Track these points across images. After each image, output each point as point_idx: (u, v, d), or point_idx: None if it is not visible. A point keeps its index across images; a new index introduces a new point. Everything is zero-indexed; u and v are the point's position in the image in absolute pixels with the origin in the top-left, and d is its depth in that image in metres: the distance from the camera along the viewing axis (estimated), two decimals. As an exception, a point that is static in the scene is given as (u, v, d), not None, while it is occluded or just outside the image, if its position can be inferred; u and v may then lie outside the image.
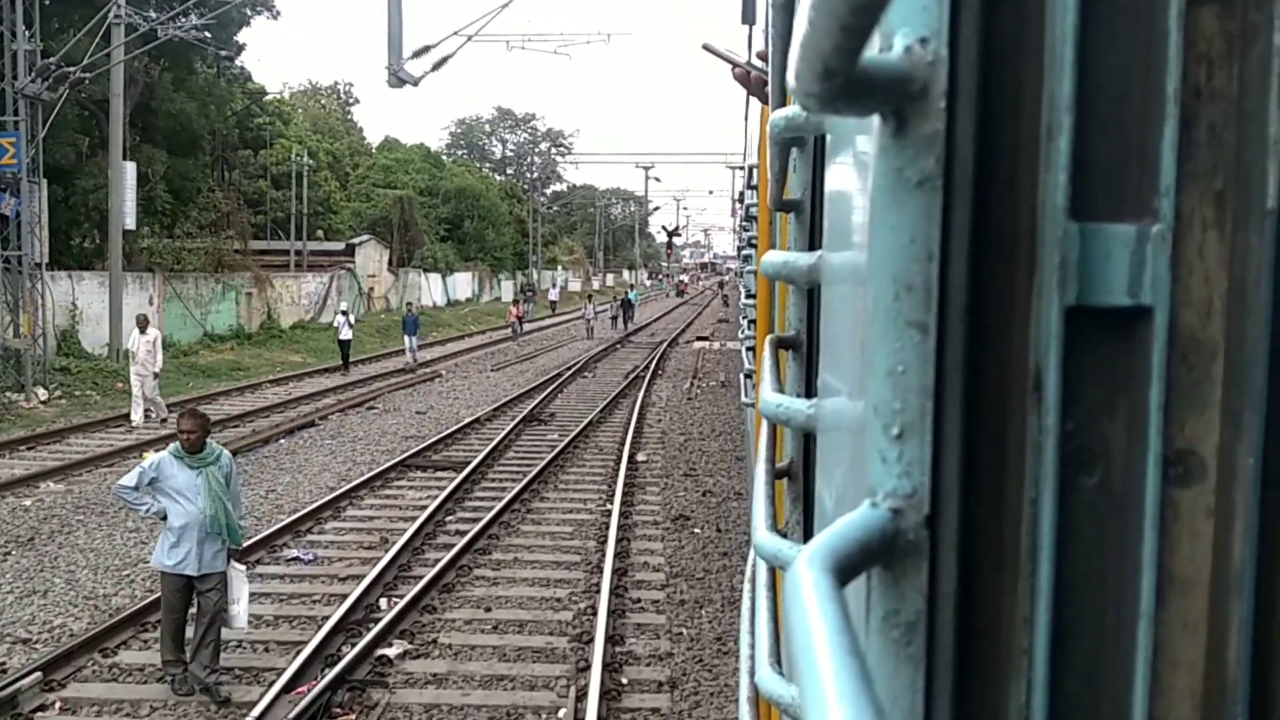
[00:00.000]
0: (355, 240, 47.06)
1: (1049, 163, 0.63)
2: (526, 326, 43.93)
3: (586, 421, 19.58)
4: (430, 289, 52.96)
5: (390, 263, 51.79)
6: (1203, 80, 0.65)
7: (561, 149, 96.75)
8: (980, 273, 0.63)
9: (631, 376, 26.92)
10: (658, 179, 73.63)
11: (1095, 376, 0.66)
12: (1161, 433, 0.66)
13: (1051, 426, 0.64)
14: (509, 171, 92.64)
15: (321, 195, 49.85)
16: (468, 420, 19.75)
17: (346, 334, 28.94)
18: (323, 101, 71.10)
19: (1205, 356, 0.66)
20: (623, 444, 17.38)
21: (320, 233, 47.72)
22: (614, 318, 45.72)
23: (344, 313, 29.35)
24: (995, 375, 0.64)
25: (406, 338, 29.61)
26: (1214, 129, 0.65)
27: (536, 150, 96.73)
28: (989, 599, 0.65)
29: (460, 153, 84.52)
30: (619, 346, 37.58)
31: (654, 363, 30.71)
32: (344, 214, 52.92)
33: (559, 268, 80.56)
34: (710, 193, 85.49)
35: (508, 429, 18.46)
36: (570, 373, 27.56)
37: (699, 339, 39.94)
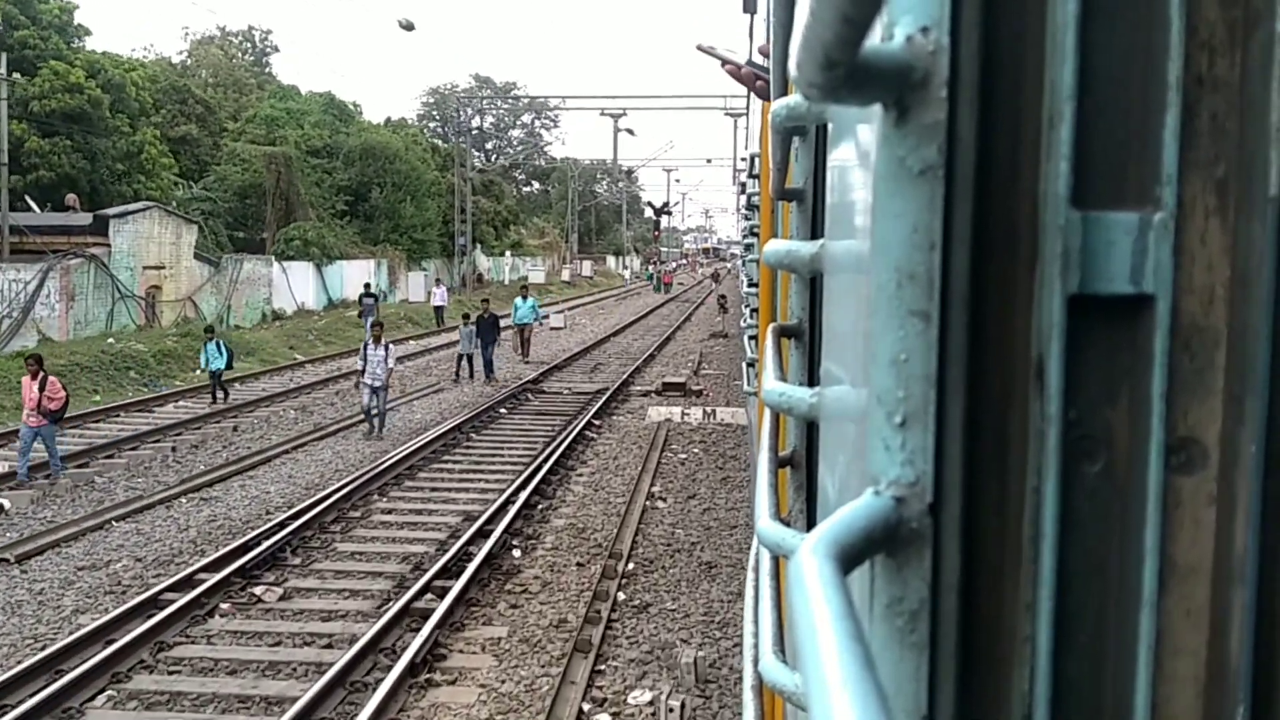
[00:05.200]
0: (114, 211, 27.77)
1: (1051, 151, 0.63)
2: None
3: None
4: (293, 286, 35.15)
5: (269, 242, 35.92)
6: (1204, 68, 0.65)
7: (546, 121, 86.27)
8: (982, 261, 0.63)
9: (391, 614, 8.61)
10: (631, 132, 56.56)
11: (1097, 364, 0.66)
12: (1164, 420, 0.66)
13: (1054, 414, 0.64)
14: (488, 146, 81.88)
15: (124, 148, 32.33)
16: None
17: None
18: (229, 50, 56.19)
19: (1208, 344, 0.66)
20: None
21: (73, 200, 28.95)
22: (463, 358, 22.79)
23: None
24: (997, 363, 0.65)
25: None
26: (1216, 117, 0.65)
27: (518, 122, 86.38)
28: (992, 587, 0.65)
29: (434, 125, 71.13)
30: (493, 416, 18.25)
31: (523, 498, 12.30)
32: (165, 177, 35.58)
33: (509, 253, 61.17)
34: (708, 161, 67.57)
35: None
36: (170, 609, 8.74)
37: (666, 387, 20.61)
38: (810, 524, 1.51)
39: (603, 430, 17.54)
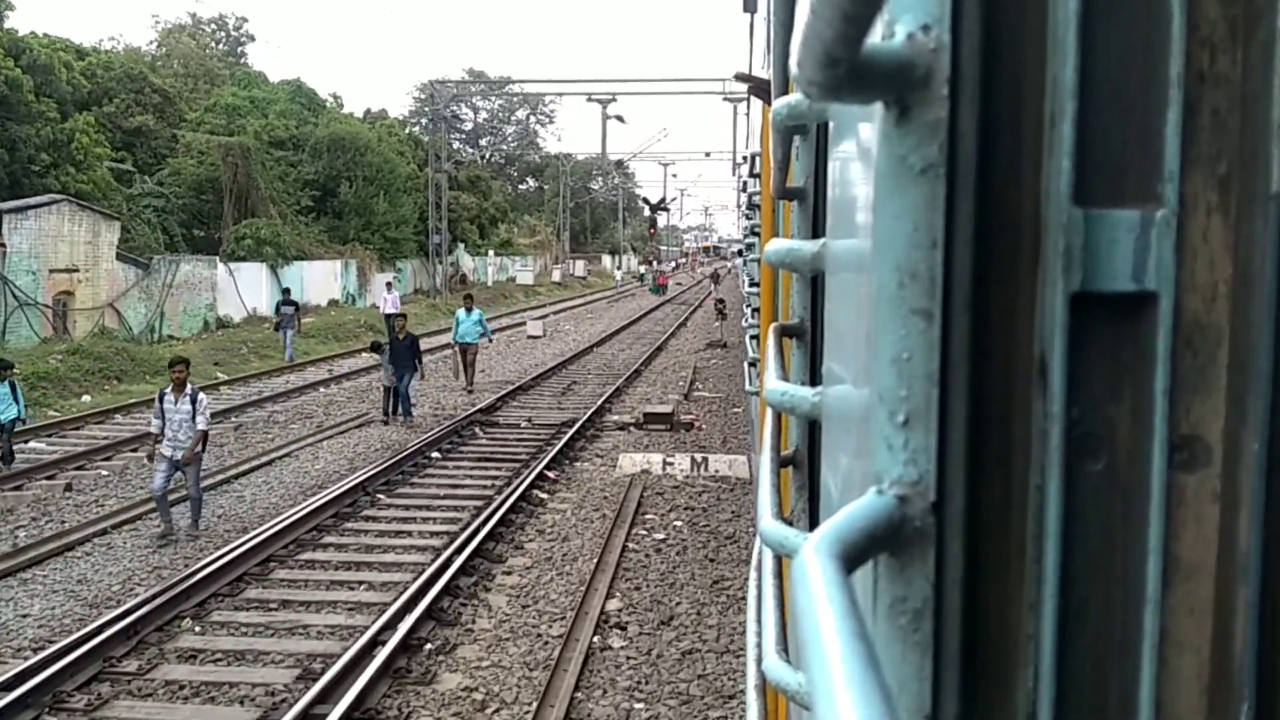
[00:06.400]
0: (10, 205, 23.33)
1: (1052, 149, 0.63)
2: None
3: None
4: (242, 291, 31.06)
5: (210, 241, 32.32)
6: (1206, 65, 0.65)
7: (542, 117, 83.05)
8: (984, 259, 0.63)
9: None
10: (621, 119, 48.60)
11: (1100, 362, 0.66)
12: (1167, 418, 0.66)
13: (1056, 413, 0.64)
14: (482, 143, 79.28)
15: (49, 137, 27.88)
16: None
17: None
18: (200, 39, 52.37)
19: (1210, 341, 0.66)
20: None
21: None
22: (390, 392, 17.38)
23: None
24: (1000, 362, 0.65)
25: None
26: (1218, 114, 0.65)
27: (513, 118, 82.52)
28: (995, 585, 0.65)
29: (425, 122, 64.26)
30: (420, 464, 13.85)
31: (406, 628, 7.77)
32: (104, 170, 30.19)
33: (491, 252, 55.28)
34: (707, 154, 61.98)
35: None
36: None
37: (649, 418, 16.53)
38: (813, 523, 1.51)
39: (558, 487, 12.76)
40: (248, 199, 34.56)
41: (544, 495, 12.42)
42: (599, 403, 18.34)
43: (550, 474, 13.26)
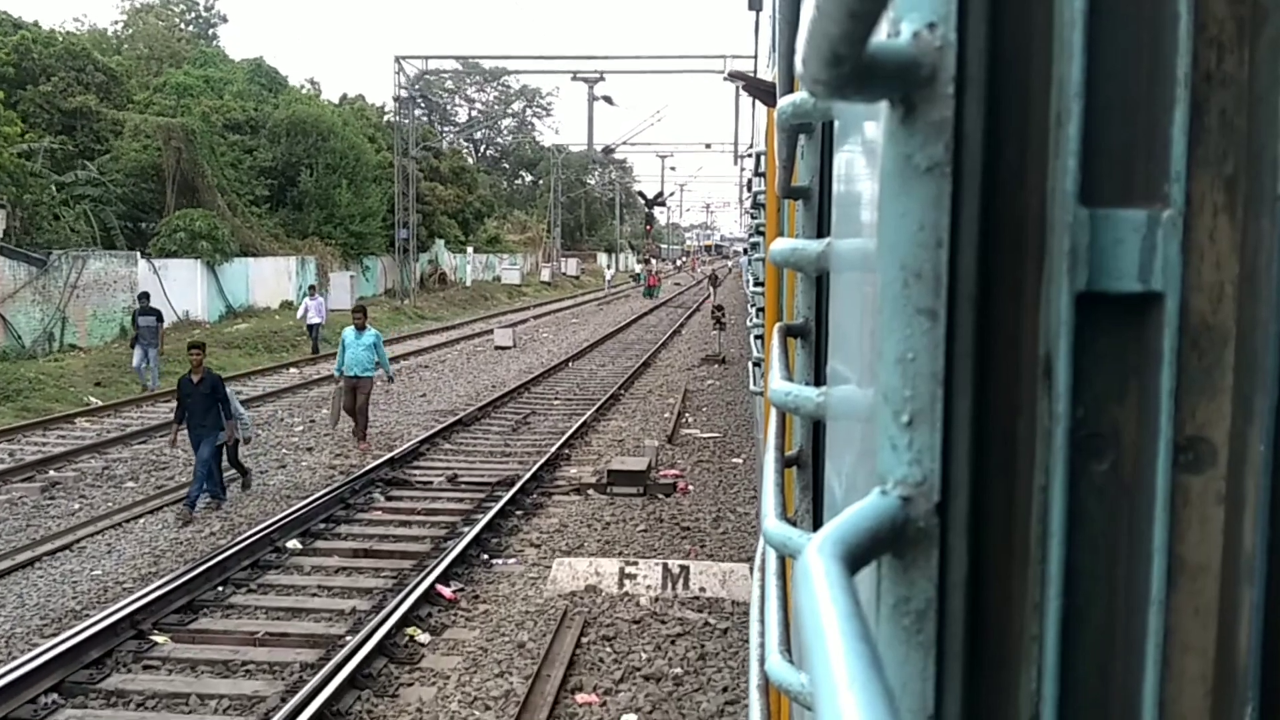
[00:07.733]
0: None
1: (1058, 148, 0.63)
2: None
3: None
4: (169, 291, 25.91)
5: (117, 237, 27.39)
6: (1213, 65, 0.65)
7: (538, 110, 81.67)
8: (990, 259, 0.63)
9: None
10: (609, 100, 39.73)
11: (1106, 362, 0.66)
12: (1172, 419, 0.66)
13: (1062, 413, 0.64)
14: (477, 137, 77.01)
15: None
16: None
17: None
18: (168, 19, 48.40)
19: (1216, 342, 0.66)
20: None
21: None
22: (232, 463, 11.36)
23: None
24: (1005, 362, 0.64)
25: None
26: (1225, 114, 0.65)
27: (508, 111, 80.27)
28: (999, 586, 0.65)
29: (417, 114, 62.62)
30: (264, 564, 8.73)
31: None
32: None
33: (470, 250, 49.94)
34: (707, 146, 54.78)
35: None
36: None
37: (615, 478, 11.28)
38: (816, 524, 1.51)
39: (454, 617, 7.98)
40: (193, 188, 30.56)
41: (423, 639, 7.52)
42: (556, 446, 13.57)
43: (447, 590, 8.41)
